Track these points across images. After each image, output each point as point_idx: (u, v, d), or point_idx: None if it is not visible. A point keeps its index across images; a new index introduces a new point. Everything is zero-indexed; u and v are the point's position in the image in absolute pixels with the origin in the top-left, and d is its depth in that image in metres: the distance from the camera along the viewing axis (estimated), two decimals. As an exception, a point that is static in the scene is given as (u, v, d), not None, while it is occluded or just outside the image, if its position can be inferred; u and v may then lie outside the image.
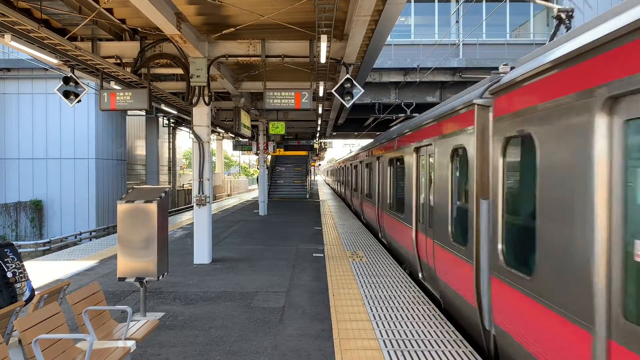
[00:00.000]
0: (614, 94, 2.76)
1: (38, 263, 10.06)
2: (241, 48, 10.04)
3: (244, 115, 15.39)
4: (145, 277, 5.95)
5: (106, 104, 9.67)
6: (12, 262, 4.38)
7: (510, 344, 4.28)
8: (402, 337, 5.43)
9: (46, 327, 3.66)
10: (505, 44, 24.95)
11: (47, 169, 24.38)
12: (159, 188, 6.37)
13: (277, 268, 9.37)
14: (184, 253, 10.91)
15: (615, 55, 2.77)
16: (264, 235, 14.00)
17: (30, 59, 18.20)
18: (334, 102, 17.56)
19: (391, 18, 8.04)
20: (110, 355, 3.86)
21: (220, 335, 5.61)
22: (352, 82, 9.45)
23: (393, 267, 9.22)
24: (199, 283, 8.19)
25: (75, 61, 9.57)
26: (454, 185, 6.16)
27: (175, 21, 8.00)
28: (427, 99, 22.92)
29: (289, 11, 8.45)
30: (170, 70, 11.81)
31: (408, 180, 8.92)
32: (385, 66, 22.06)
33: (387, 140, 11.51)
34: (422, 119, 7.86)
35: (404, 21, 26.45)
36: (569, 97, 3.22)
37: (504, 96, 4.44)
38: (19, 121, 24.24)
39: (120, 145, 26.95)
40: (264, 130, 21.16)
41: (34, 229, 23.84)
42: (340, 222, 16.98)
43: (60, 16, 9.27)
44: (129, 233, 5.93)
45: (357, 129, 32.54)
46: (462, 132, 5.61)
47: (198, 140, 9.95)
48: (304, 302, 6.97)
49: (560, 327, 3.30)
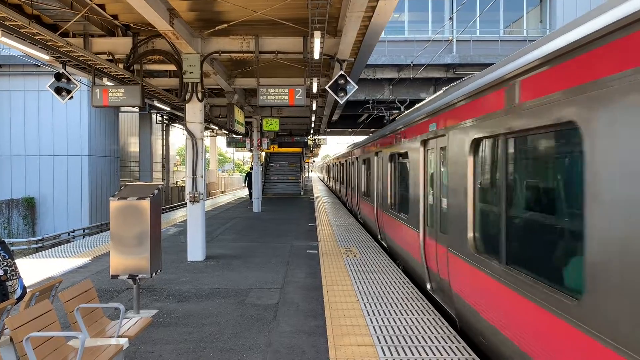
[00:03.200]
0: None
1: (30, 261, 10.00)
2: (234, 44, 10.00)
3: (237, 111, 15.35)
4: (138, 274, 5.92)
5: (98, 101, 9.61)
6: (3, 260, 4.35)
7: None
8: (396, 332, 5.44)
9: (38, 325, 3.63)
10: (499, 40, 25.00)
11: (40, 166, 24.22)
12: (152, 185, 6.33)
13: (271, 265, 9.37)
14: (177, 250, 10.87)
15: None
16: (258, 232, 13.98)
17: (22, 55, 18.04)
18: (327, 98, 17.54)
19: (385, 14, 8.02)
20: (103, 353, 3.84)
21: (213, 332, 5.60)
22: (345, 79, 9.43)
23: (387, 263, 9.23)
24: (193, 280, 8.17)
25: (67, 57, 9.50)
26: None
27: (167, 17, 7.96)
28: (421, 95, 22.95)
29: (282, 7, 8.43)
30: (163, 67, 11.75)
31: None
32: (379, 62, 22.06)
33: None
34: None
35: (397, 17, 26.43)
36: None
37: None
38: (10, 118, 24.05)
39: (113, 142, 26.80)
40: (258, 126, 21.11)
41: (27, 226, 23.69)
42: (335, 219, 16.99)
43: (52, 12, 9.18)
44: (122, 230, 5.90)
45: (352, 125, 32.53)
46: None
47: (191, 137, 9.91)
48: (298, 298, 6.97)
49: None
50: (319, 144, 54.77)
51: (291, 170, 34.19)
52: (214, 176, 44.06)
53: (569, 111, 3.20)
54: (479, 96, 4.87)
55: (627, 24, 2.65)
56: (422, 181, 7.42)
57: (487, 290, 4.62)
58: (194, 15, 9.25)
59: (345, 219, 16.86)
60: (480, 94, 4.83)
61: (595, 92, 2.93)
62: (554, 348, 3.39)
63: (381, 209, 11.62)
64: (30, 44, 8.74)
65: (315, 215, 18.54)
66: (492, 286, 4.47)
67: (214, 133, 37.99)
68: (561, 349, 3.30)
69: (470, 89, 5.08)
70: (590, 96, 2.98)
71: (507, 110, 4.15)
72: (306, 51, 9.77)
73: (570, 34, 3.20)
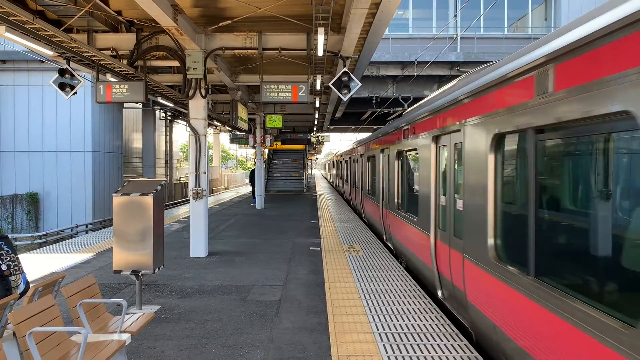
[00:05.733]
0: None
1: (34, 256, 10.04)
2: (238, 40, 9.98)
3: (240, 108, 15.33)
4: (141, 270, 5.94)
5: (102, 97, 9.61)
6: (7, 255, 4.36)
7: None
8: (397, 330, 5.44)
9: (40, 320, 3.64)
10: (503, 38, 24.91)
11: (44, 161, 24.29)
12: (155, 181, 6.34)
13: (273, 261, 9.37)
14: (180, 246, 10.90)
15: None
16: (261, 229, 13.99)
17: (26, 50, 18.08)
18: (331, 95, 17.50)
19: (389, 11, 7.98)
20: (105, 348, 3.85)
21: (216, 329, 5.61)
22: (349, 76, 9.40)
23: (389, 260, 9.23)
24: (195, 276, 8.19)
25: (71, 53, 9.51)
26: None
27: (171, 13, 7.95)
28: (425, 92, 22.87)
29: (286, 4, 8.40)
30: (166, 63, 11.74)
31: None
32: (383, 60, 21.99)
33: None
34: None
35: (401, 14, 26.36)
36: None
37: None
38: (14, 113, 24.12)
39: (116, 137, 26.85)
40: (261, 123, 21.10)
41: (30, 221, 23.78)
42: (337, 216, 16.99)
43: (56, 7, 9.19)
44: (125, 226, 5.91)
45: (355, 122, 32.49)
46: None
47: (194, 133, 9.91)
48: (300, 295, 6.98)
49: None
50: (322, 141, 54.79)
51: (294, 167, 34.20)
52: (217, 173, 44.08)
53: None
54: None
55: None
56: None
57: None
58: (197, 12, 9.24)
59: (348, 217, 16.86)
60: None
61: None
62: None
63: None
64: (34, 40, 8.74)
65: (318, 212, 18.54)
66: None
67: (217, 129, 37.98)
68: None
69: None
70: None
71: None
72: (310, 48, 9.74)
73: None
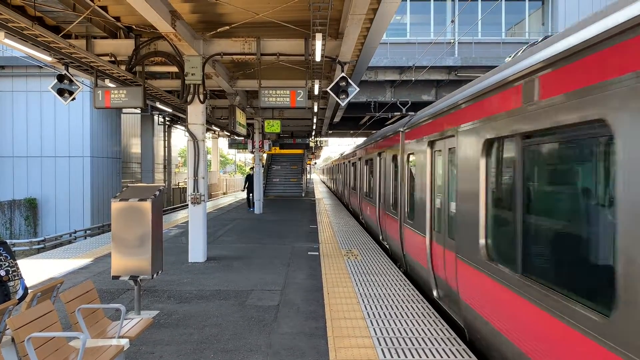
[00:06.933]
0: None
1: (32, 261, 10.03)
2: (236, 46, 10.02)
3: (239, 113, 15.36)
4: (139, 275, 5.94)
5: (101, 102, 9.64)
6: (5, 261, 4.37)
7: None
8: (396, 335, 5.44)
9: (39, 326, 3.65)
10: (500, 42, 25.02)
11: (42, 167, 24.29)
12: (154, 186, 6.35)
13: (272, 266, 9.37)
14: (178, 251, 10.89)
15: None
16: (259, 234, 13.99)
17: (25, 56, 18.08)
18: (329, 100, 17.56)
19: (386, 16, 8.03)
20: (104, 353, 3.85)
21: (214, 334, 5.61)
22: (347, 81, 9.44)
23: (388, 265, 9.23)
24: (194, 281, 8.18)
25: (70, 59, 9.54)
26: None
27: (170, 19, 7.99)
28: (423, 97, 22.96)
29: (284, 9, 8.45)
30: (165, 68, 11.78)
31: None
32: (380, 65, 22.06)
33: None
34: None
35: (399, 19, 26.49)
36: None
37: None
38: (13, 119, 24.13)
39: (115, 143, 26.86)
40: (260, 128, 21.14)
41: (29, 227, 23.74)
42: (336, 221, 17.00)
43: (55, 14, 9.22)
44: (123, 231, 5.92)
45: (353, 127, 32.53)
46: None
47: (193, 139, 9.93)
48: (298, 300, 6.98)
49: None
50: (320, 146, 54.81)
51: (293, 172, 34.21)
52: (216, 178, 44.09)
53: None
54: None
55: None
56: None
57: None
58: (196, 17, 9.28)
59: (346, 221, 16.86)
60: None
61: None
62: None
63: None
64: (33, 46, 8.77)
65: (316, 217, 18.54)
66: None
67: (215, 134, 38.02)
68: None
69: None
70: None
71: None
72: (308, 53, 9.78)
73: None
